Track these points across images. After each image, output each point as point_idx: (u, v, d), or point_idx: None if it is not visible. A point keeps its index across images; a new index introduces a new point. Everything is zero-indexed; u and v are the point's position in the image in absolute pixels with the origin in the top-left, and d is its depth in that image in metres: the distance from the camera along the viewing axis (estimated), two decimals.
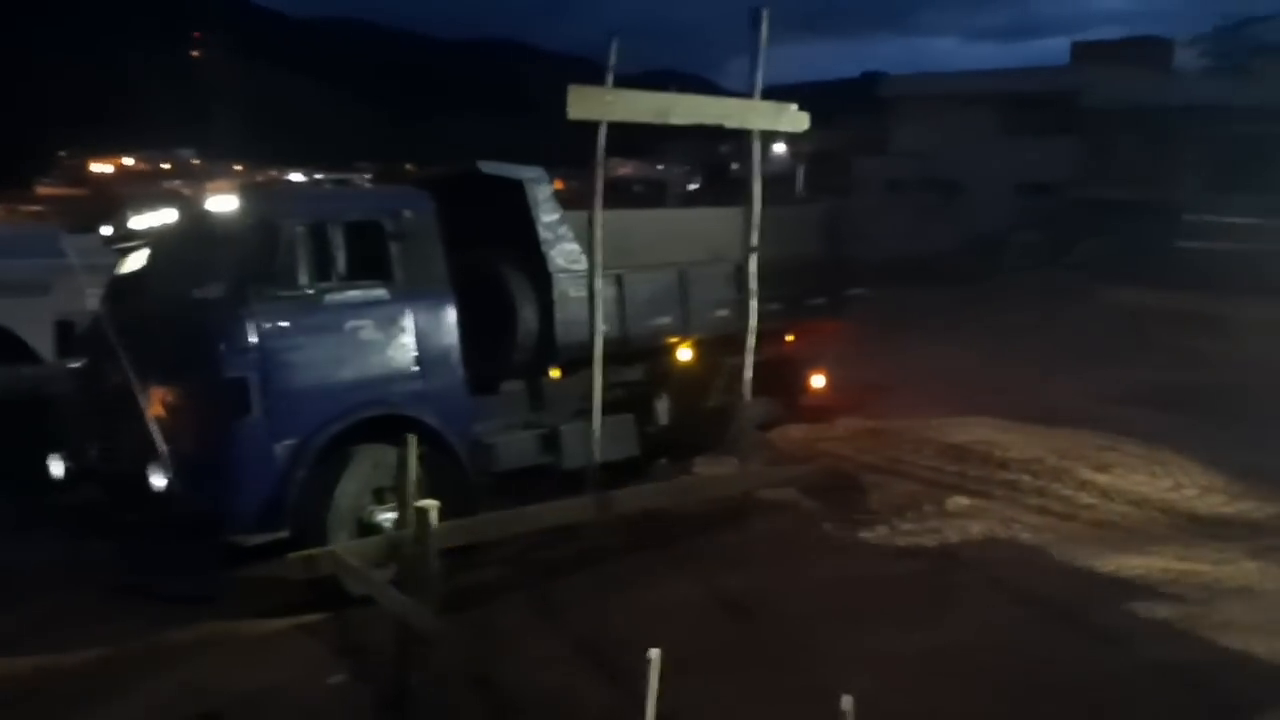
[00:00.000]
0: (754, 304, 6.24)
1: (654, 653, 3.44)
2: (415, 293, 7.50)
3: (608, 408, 8.77)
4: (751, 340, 6.03)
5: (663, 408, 9.08)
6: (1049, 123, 27.86)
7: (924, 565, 6.32)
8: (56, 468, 7.48)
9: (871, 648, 5.26)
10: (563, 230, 8.33)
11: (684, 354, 9.48)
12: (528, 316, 8.24)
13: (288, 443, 6.83)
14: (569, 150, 8.50)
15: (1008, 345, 13.83)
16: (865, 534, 6.99)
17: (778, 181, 9.72)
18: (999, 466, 7.98)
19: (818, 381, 10.27)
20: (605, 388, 8.50)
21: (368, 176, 9.10)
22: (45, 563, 7.83)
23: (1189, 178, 23.13)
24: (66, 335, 16.96)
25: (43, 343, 21.59)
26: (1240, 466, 8.04)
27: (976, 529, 6.90)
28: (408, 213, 7.56)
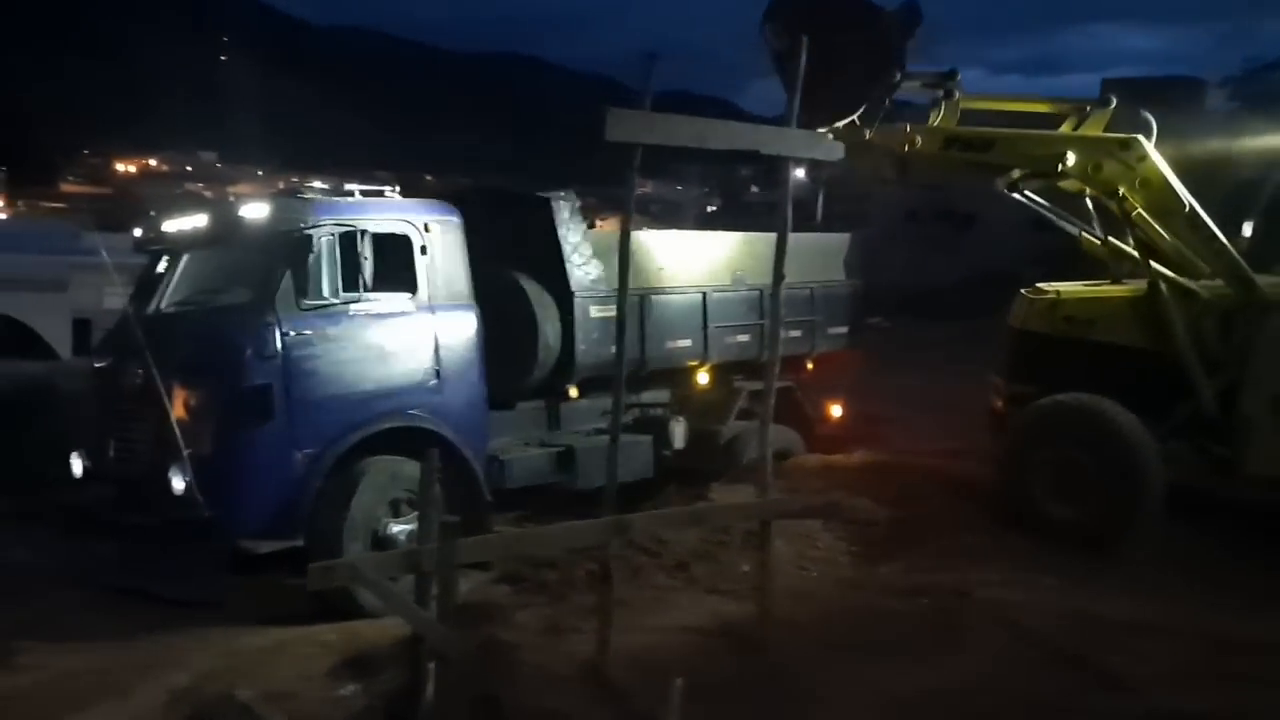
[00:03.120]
0: (780, 332, 6.25)
1: (678, 682, 3.42)
2: (439, 306, 7.54)
3: (624, 429, 8.81)
4: (775, 367, 6.03)
5: (679, 431, 9.08)
6: None
7: (934, 603, 6.29)
8: (77, 466, 7.51)
9: (875, 684, 5.24)
10: (586, 249, 8.38)
11: (702, 378, 9.50)
12: (548, 334, 8.27)
13: (306, 451, 6.86)
14: (579, 165, 8.57)
15: None
16: (877, 569, 6.97)
17: (796, 207, 9.72)
18: None
19: (835, 411, 10.27)
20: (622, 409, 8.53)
21: (397, 188, 9.13)
22: (47, 562, 7.85)
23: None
24: (84, 332, 17.10)
25: (60, 339, 21.75)
26: None
27: (991, 567, 6.86)
28: (436, 226, 7.62)
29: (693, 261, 9.39)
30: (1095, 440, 7.32)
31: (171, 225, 7.84)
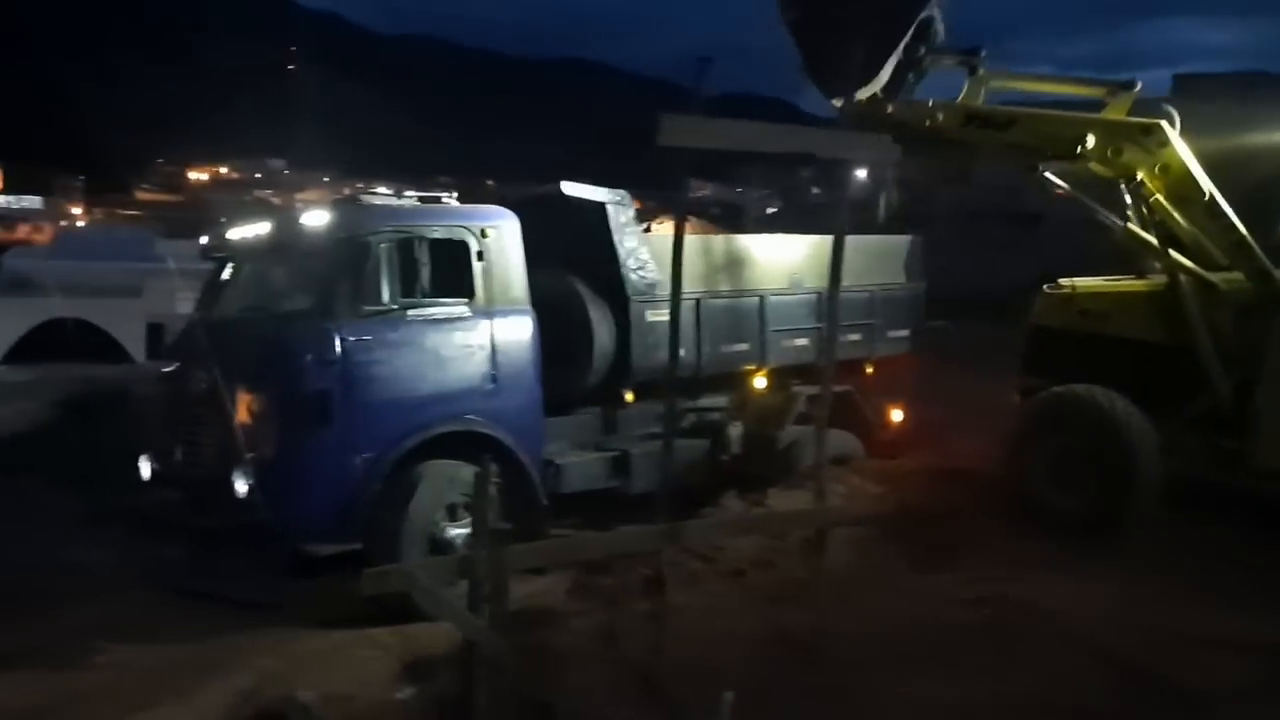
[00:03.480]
0: (836, 337, 6.16)
1: (728, 696, 3.38)
2: (496, 311, 7.58)
3: (680, 434, 8.76)
4: (831, 371, 5.96)
5: (736, 436, 9.02)
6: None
7: (996, 613, 6.15)
8: (145, 469, 7.70)
9: (933, 696, 5.14)
10: (642, 253, 8.36)
11: (760, 382, 9.42)
12: (604, 338, 8.27)
13: (365, 455, 6.94)
14: (642, 169, 8.56)
15: None
16: (936, 577, 6.83)
17: (860, 209, 9.62)
18: None
19: (896, 415, 10.11)
20: (678, 414, 8.48)
21: (454, 195, 9.23)
22: (119, 562, 8.05)
23: None
24: (157, 337, 17.55)
25: (134, 343, 22.36)
26: None
27: (1055, 577, 6.68)
28: (492, 231, 7.66)
29: (749, 264, 9.32)
30: (1091, 430, 7.37)
31: (235, 233, 8.00)
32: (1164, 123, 7.34)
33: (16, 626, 7.01)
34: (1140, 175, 7.34)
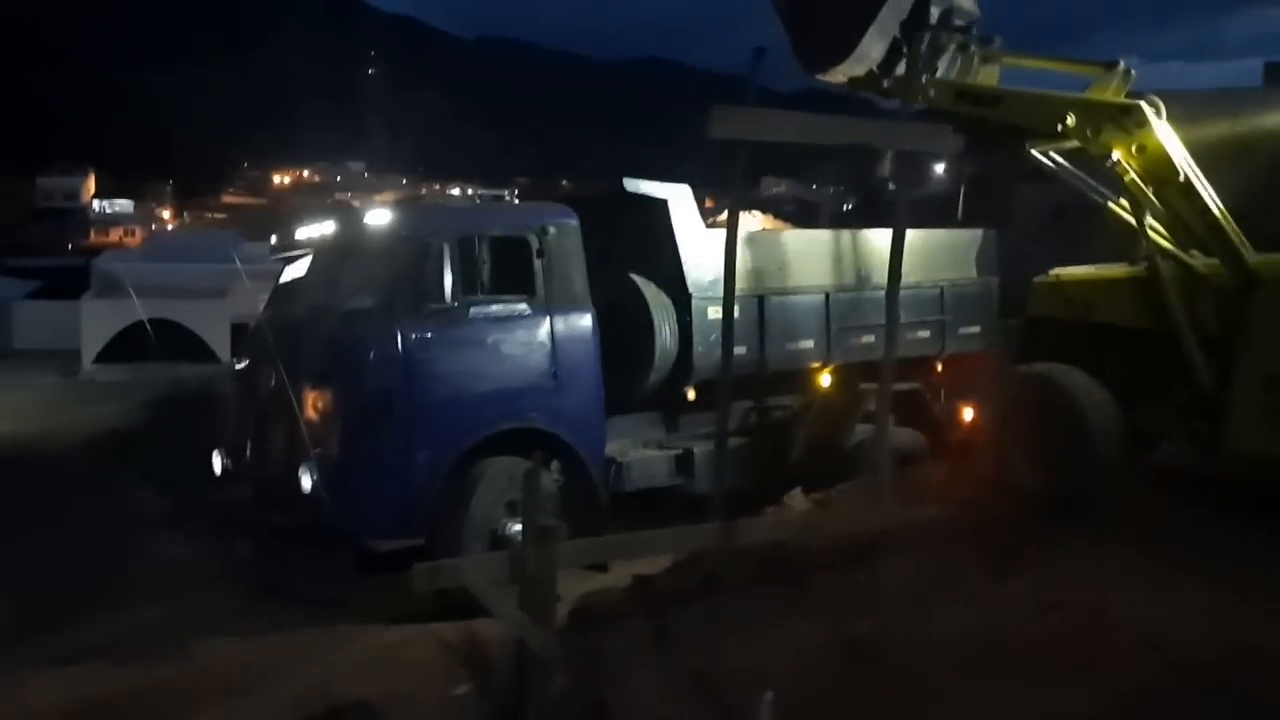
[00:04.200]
0: (897, 333, 6.01)
1: (768, 696, 3.29)
2: (557, 308, 7.58)
3: (743, 432, 8.66)
4: (891, 369, 5.81)
5: (800, 435, 8.88)
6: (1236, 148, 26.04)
7: (1068, 620, 5.90)
8: (217, 465, 7.87)
9: (1000, 706, 4.95)
10: (705, 249, 8.28)
11: (825, 380, 9.27)
12: (665, 336, 8.21)
13: (427, 452, 7.00)
14: (711, 164, 8.48)
15: None
16: (1007, 583, 6.60)
17: (937, 204, 9.44)
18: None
19: (967, 414, 9.85)
20: (741, 412, 8.37)
21: (516, 194, 9.25)
22: (196, 558, 8.25)
23: None
24: (241, 337, 18.04)
25: (220, 344, 23.01)
26: None
27: (1133, 584, 6.41)
28: (552, 229, 7.67)
29: (815, 260, 9.18)
30: (1053, 408, 7.49)
31: (302, 233, 8.14)
32: (1144, 104, 7.34)
33: (94, 621, 7.24)
34: (1117, 155, 7.37)
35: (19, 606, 7.76)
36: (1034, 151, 7.95)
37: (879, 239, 9.31)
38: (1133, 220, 7.68)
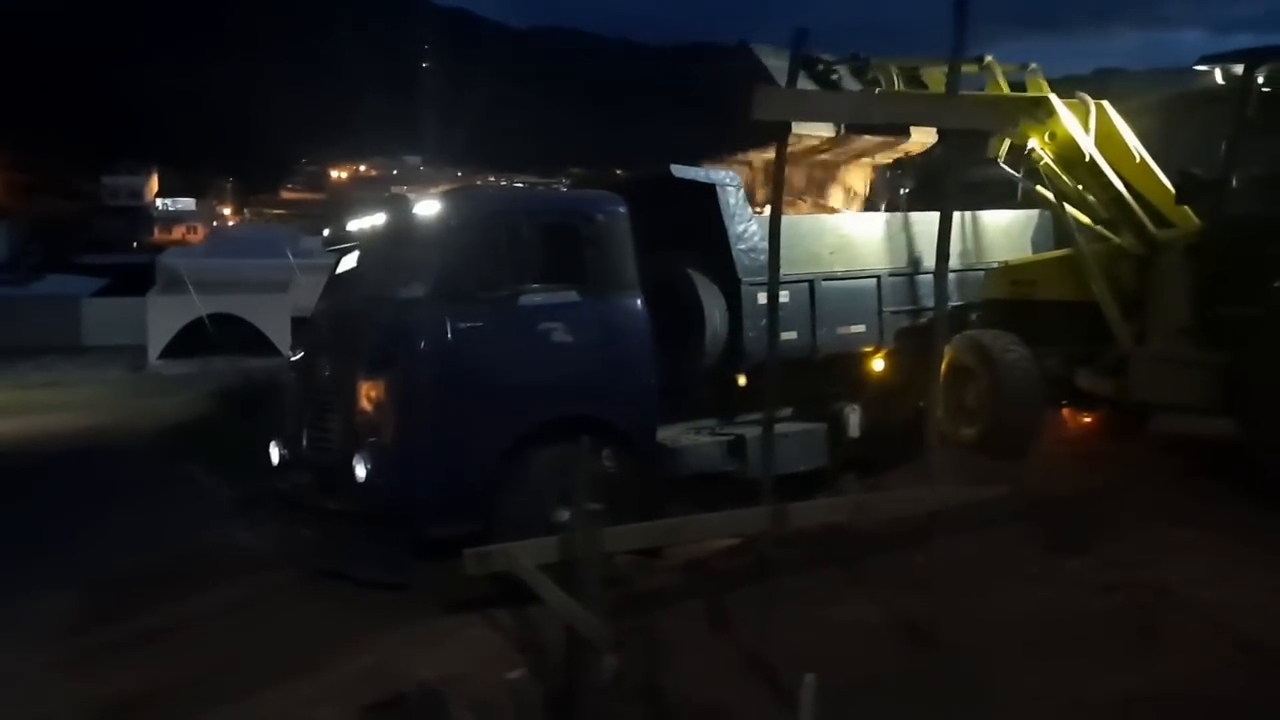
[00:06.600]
0: (946, 315, 5.93)
1: (809, 678, 3.28)
2: (607, 295, 7.59)
3: (796, 417, 8.62)
4: (940, 351, 5.73)
5: (854, 419, 8.81)
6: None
7: (1132, 601, 5.79)
8: (274, 454, 8.02)
9: (1060, 686, 4.89)
10: (754, 234, 8.23)
11: (878, 364, 9.18)
12: (715, 321, 8.17)
13: (478, 440, 7.03)
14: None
15: None
16: (1067, 563, 6.50)
17: (999, 187, 9.33)
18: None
19: None
20: (793, 397, 8.32)
21: (566, 182, 9.31)
22: (260, 543, 8.44)
23: None
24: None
25: (281, 337, 23.42)
26: None
27: (1197, 564, 6.26)
28: (601, 216, 7.66)
29: (867, 243, 9.08)
30: (983, 367, 8.42)
31: (353, 224, 8.24)
32: (1051, 95, 8.27)
33: (159, 604, 7.45)
34: (1033, 143, 8.18)
35: (93, 591, 8.04)
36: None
37: (933, 222, 9.17)
38: (1048, 194, 8.58)
